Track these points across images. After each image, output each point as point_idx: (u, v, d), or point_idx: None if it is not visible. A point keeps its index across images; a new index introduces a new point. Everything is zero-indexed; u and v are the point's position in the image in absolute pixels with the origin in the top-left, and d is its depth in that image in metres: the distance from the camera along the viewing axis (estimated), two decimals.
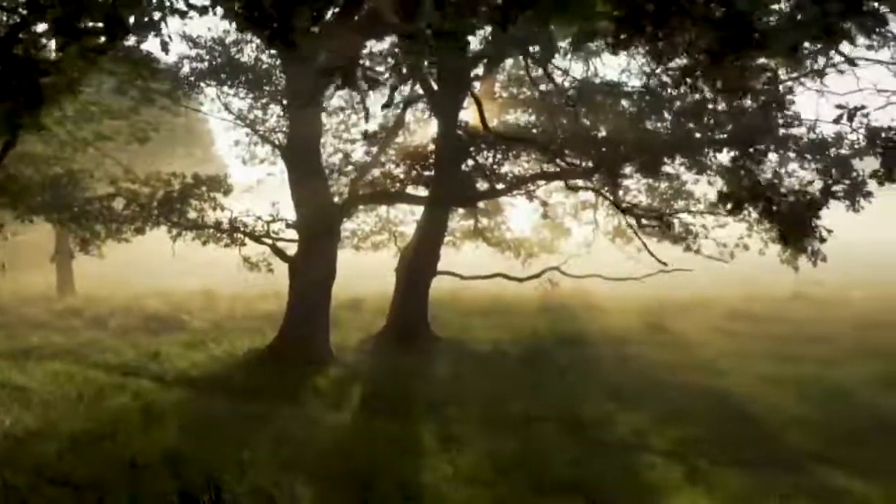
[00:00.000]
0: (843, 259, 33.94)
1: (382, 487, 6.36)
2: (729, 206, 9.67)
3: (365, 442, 7.81)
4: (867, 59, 15.66)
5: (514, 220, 19.67)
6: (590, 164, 11.81)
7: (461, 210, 20.03)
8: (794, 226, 8.62)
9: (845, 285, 24.33)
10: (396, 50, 17.84)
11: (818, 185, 9.41)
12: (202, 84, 14.30)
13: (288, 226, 12.94)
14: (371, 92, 17.84)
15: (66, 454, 6.94)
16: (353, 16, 7.69)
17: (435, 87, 14.51)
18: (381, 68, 17.96)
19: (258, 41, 13.26)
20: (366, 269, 20.83)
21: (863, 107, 7.71)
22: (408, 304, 14.67)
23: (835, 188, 9.65)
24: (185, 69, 14.27)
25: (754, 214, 11.56)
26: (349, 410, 9.63)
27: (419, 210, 15.72)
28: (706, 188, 13.94)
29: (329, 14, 7.28)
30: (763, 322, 17.28)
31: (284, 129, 13.94)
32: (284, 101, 12.82)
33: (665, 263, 14.97)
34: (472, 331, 15.92)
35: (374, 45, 17.31)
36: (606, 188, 13.35)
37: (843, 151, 8.88)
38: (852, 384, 11.13)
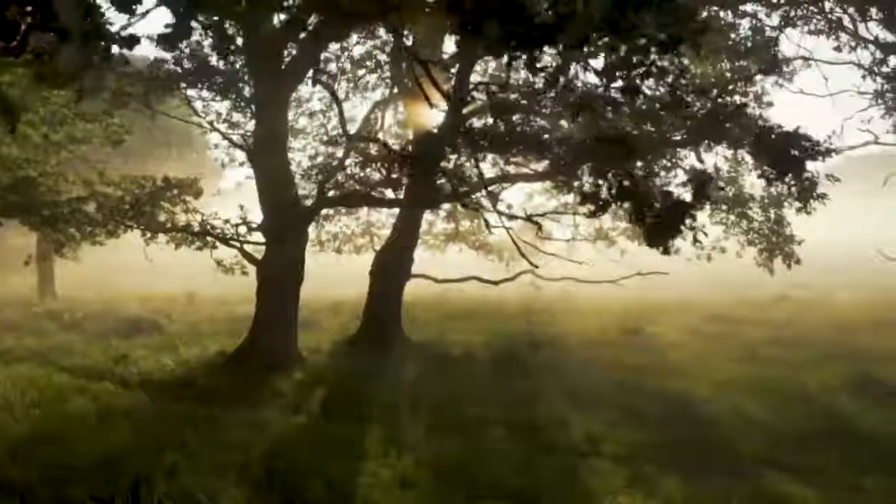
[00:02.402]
0: (841, 262, 33.92)
1: (313, 491, 6.34)
2: (591, 207, 9.54)
3: (309, 445, 7.79)
4: (815, 60, 15.69)
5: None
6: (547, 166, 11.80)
7: (442, 213, 20.04)
8: (663, 227, 8.51)
9: (832, 287, 24.21)
10: (375, 52, 17.96)
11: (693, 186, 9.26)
12: (175, 87, 14.25)
13: (253, 229, 12.90)
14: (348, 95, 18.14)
15: (4, 457, 6.93)
16: None
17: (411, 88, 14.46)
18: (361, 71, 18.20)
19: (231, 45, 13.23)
20: (350, 272, 20.82)
21: (745, 104, 7.65)
22: (381, 307, 14.63)
23: (714, 192, 9.50)
24: (160, 72, 14.22)
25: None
26: (305, 414, 9.59)
27: None
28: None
29: None
30: (742, 325, 17.17)
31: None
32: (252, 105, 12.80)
33: (536, 266, 14.70)
34: (448, 334, 15.87)
35: (354, 48, 17.43)
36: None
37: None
38: (817, 388, 11.04)
